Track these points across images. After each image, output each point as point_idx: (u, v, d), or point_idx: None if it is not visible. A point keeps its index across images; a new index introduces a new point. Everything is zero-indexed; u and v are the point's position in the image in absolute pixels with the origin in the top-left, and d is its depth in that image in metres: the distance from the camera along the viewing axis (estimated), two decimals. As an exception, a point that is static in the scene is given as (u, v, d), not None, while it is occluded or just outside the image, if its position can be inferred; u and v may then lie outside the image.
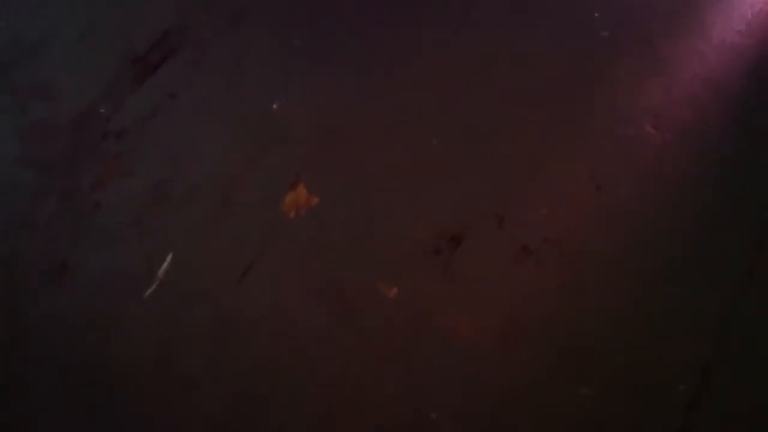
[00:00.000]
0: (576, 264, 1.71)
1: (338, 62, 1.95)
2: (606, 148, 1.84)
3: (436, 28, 1.97)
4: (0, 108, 1.85)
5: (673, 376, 1.67)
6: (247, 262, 1.69)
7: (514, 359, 1.65)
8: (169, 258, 1.68)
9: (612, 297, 1.68)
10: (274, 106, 1.85)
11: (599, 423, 1.61)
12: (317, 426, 1.58)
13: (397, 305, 1.65)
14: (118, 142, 1.82)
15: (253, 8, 2.01)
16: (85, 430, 1.57)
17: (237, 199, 1.76)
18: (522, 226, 1.73)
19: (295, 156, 1.81)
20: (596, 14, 1.99)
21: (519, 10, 2.00)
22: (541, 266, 1.70)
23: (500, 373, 1.65)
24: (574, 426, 1.60)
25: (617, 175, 1.80)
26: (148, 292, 1.66)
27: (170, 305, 1.65)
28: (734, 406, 1.64)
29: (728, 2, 2.02)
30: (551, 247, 1.72)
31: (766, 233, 1.72)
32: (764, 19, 2.01)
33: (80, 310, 1.67)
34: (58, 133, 1.83)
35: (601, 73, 1.93)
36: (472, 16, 1.99)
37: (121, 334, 1.65)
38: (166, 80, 1.90)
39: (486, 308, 1.67)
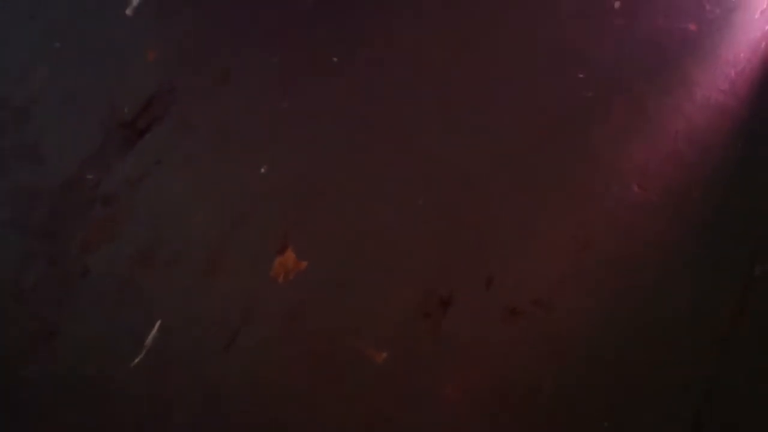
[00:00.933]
0: (564, 326, 1.77)
1: (325, 124, 2.02)
2: (593, 207, 1.91)
3: (420, 90, 2.05)
4: (-13, 172, 1.92)
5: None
6: (235, 328, 1.75)
7: (502, 422, 1.70)
8: (157, 325, 1.74)
9: (600, 359, 1.74)
10: (262, 169, 1.92)
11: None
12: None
13: (386, 370, 1.70)
14: (105, 207, 1.88)
15: (238, 71, 2.10)
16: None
17: (225, 264, 1.82)
18: (510, 288, 1.79)
19: (283, 220, 1.87)
20: (580, 75, 2.08)
21: (503, 72, 2.09)
22: (530, 328, 1.75)
23: (490, 436, 1.70)
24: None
25: (605, 235, 1.87)
26: (136, 360, 1.71)
27: (157, 373, 1.70)
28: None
29: (712, 61, 2.12)
30: (539, 309, 1.78)
31: (752, 290, 1.79)
32: (747, 78, 2.10)
33: (68, 376, 1.71)
34: (45, 197, 1.89)
35: (586, 133, 2.01)
36: (456, 80, 2.07)
37: (108, 401, 1.69)
38: (153, 145, 1.97)
39: (475, 371, 1.73)
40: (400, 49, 2.14)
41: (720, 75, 2.09)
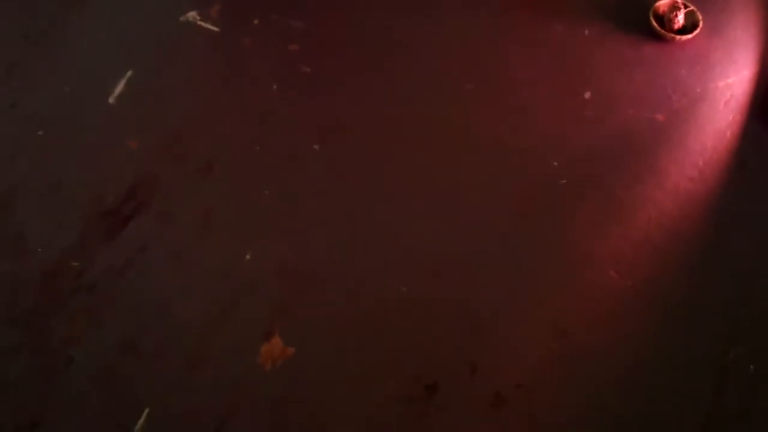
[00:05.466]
0: (548, 409, 1.91)
1: (307, 210, 2.18)
2: (571, 293, 2.08)
3: (399, 177, 2.24)
4: (-33, 262, 2.03)
5: None
6: (222, 418, 1.86)
7: None
8: (144, 414, 1.85)
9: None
10: (247, 256, 2.07)
11: None
12: None
13: (375, 457, 1.83)
14: (89, 295, 2.00)
15: (220, 159, 2.26)
16: None
17: (211, 352, 1.94)
18: (494, 374, 1.94)
19: (270, 306, 2.01)
20: (555, 163, 2.28)
21: (478, 158, 2.29)
22: (515, 413, 1.90)
23: None
24: None
25: (583, 320, 2.03)
26: (124, 450, 1.81)
27: (147, 462, 1.81)
28: None
29: (680, 150, 2.34)
30: (524, 393, 1.93)
31: (727, 374, 1.96)
32: (715, 166, 2.32)
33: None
34: (28, 286, 2.01)
35: (561, 220, 2.20)
36: (433, 166, 2.27)
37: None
38: (137, 233, 2.11)
39: (462, 458, 1.86)
40: (379, 136, 2.32)
41: (688, 164, 2.31)
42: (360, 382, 1.93)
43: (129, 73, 2.38)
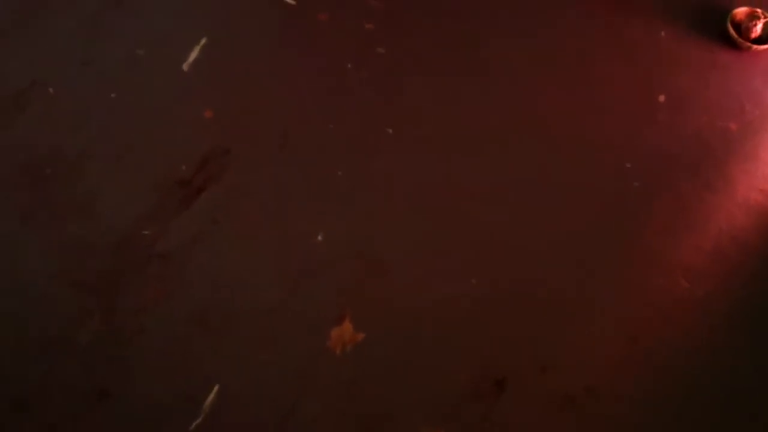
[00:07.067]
0: (616, 415, 1.90)
1: (381, 194, 2.15)
2: (641, 298, 2.06)
3: (475, 169, 2.21)
4: (38, 223, 1.99)
5: None
6: (293, 399, 1.84)
7: None
8: (215, 390, 1.82)
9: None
10: (319, 237, 2.03)
11: None
12: None
13: (443, 449, 1.82)
14: (162, 265, 1.97)
15: (293, 136, 2.22)
16: None
17: (281, 331, 1.91)
18: (564, 374, 1.93)
19: (340, 289, 1.98)
20: (628, 165, 2.25)
21: (553, 153, 2.25)
22: (583, 415, 1.88)
23: None
24: None
25: (653, 327, 2.02)
26: (194, 425, 1.78)
27: (218, 439, 1.78)
28: None
29: (752, 162, 2.31)
30: (592, 396, 1.91)
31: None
32: (786, 180, 2.30)
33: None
34: (98, 251, 1.97)
35: (633, 223, 2.18)
36: (507, 162, 2.23)
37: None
38: (209, 205, 2.07)
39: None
40: (452, 124, 2.29)
41: (760, 175, 2.28)
42: (429, 371, 1.92)
43: (203, 41, 2.34)
